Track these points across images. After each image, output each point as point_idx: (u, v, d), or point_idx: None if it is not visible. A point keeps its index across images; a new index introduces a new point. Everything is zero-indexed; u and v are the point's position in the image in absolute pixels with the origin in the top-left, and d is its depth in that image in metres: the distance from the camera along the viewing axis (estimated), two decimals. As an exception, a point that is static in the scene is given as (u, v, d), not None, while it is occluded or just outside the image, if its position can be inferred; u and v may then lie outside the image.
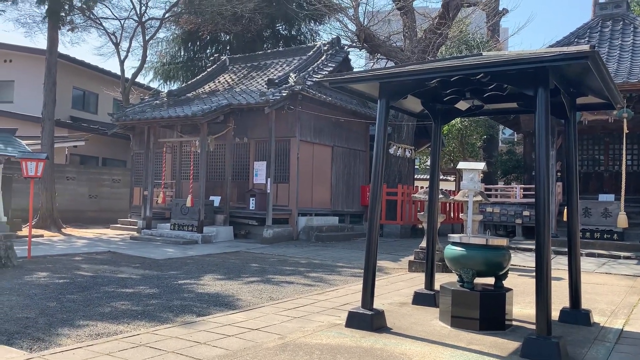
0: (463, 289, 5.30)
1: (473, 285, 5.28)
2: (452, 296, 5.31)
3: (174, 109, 16.38)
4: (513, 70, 4.80)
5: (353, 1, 17.12)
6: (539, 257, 4.47)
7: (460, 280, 5.38)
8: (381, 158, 5.84)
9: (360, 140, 19.09)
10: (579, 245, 6.08)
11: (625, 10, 17.37)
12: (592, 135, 16.98)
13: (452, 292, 5.32)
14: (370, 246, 5.40)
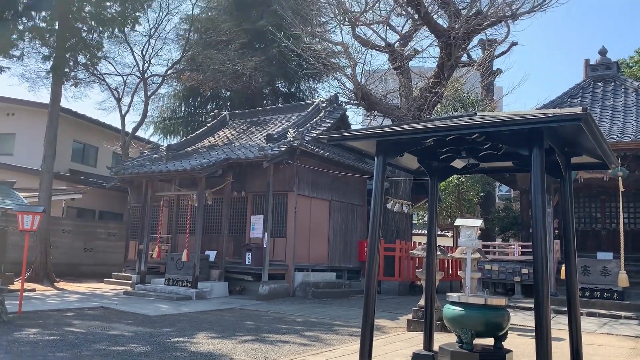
0: (462, 350, 5.18)
1: (472, 346, 5.17)
2: (451, 357, 5.18)
3: (172, 163, 16.50)
4: (508, 130, 4.88)
5: (351, 61, 17.59)
6: (539, 317, 4.40)
7: (459, 340, 5.27)
8: (378, 214, 5.85)
9: (358, 195, 19.14)
10: (578, 305, 5.99)
11: (616, 72, 17.89)
12: (588, 193, 17.07)
13: (451, 354, 5.20)
14: (368, 304, 5.32)
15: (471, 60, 19.76)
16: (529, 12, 15.89)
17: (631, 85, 17.11)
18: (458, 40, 16.25)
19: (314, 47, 18.92)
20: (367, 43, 18.06)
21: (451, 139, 5.46)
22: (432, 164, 6.93)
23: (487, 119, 5.10)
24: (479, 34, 17.58)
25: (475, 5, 16.12)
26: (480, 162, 6.48)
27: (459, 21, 16.09)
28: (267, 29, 21.76)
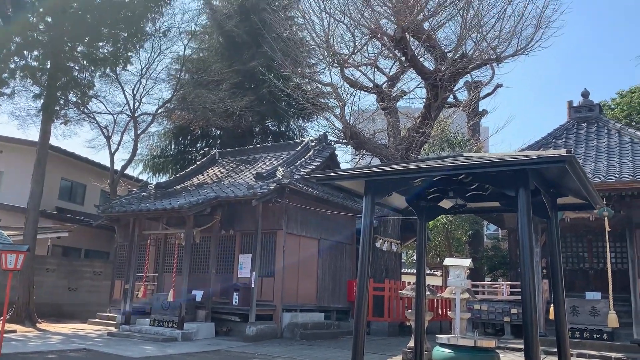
0: (453, 393, 5.11)
1: (463, 390, 5.11)
2: (442, 401, 5.12)
3: (161, 202, 16.43)
4: (494, 172, 4.97)
5: (339, 101, 17.87)
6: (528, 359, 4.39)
7: (450, 383, 5.21)
8: (367, 253, 5.86)
9: (347, 234, 19.10)
10: (568, 346, 5.98)
11: (598, 114, 18.31)
12: (575, 232, 17.18)
13: (442, 397, 5.13)
14: (357, 346, 5.27)
15: (457, 101, 20.17)
16: (513, 56, 16.36)
17: (613, 126, 17.49)
18: (444, 82, 16.62)
19: (304, 88, 19.24)
20: (355, 84, 18.41)
21: (438, 180, 5.54)
22: (420, 204, 6.99)
23: (474, 160, 5.19)
24: (464, 76, 18.00)
25: (461, 49, 16.56)
26: (467, 202, 6.55)
27: (445, 64, 16.49)
28: (258, 69, 22.15)
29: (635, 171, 13.76)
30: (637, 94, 23.75)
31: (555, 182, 5.51)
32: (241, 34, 26.68)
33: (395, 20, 15.99)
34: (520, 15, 15.56)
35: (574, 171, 4.72)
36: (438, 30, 17.39)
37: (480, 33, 16.12)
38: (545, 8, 15.46)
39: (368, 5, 16.33)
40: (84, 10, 17.77)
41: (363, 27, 17.05)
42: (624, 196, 13.69)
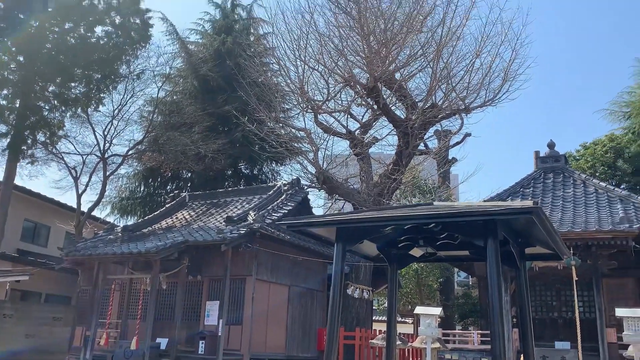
0: None
1: None
2: None
3: (127, 245, 16.01)
4: (463, 221, 5.00)
5: (313, 146, 17.99)
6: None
7: None
8: (338, 301, 5.76)
9: (318, 280, 18.86)
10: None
11: (564, 164, 18.84)
12: (544, 281, 17.32)
13: None
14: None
15: (428, 149, 20.52)
16: (481, 107, 16.85)
17: (579, 177, 17.99)
18: (415, 130, 16.95)
19: (278, 132, 19.35)
20: (329, 130, 18.61)
21: (409, 228, 5.55)
22: (392, 252, 6.97)
23: (444, 210, 5.22)
24: (434, 125, 18.40)
25: (431, 99, 16.99)
26: (437, 251, 6.55)
27: (416, 113, 16.86)
28: (232, 113, 22.22)
29: (601, 221, 14.09)
30: (600, 146, 24.61)
31: (523, 232, 5.57)
32: (216, 78, 26.89)
33: (368, 70, 16.38)
34: (488, 69, 16.13)
35: (540, 222, 4.78)
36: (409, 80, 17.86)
37: (449, 84, 16.61)
38: (511, 62, 16.08)
39: (342, 54, 16.72)
40: (57, 50, 17.74)
41: (337, 75, 17.40)
42: (590, 246, 13.95)
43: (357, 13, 15.93)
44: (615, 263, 14.70)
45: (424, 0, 16.16)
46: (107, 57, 18.65)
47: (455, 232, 5.29)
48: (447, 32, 15.83)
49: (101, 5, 19.00)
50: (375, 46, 16.15)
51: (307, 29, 16.52)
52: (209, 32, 30.36)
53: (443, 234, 5.41)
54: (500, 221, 4.87)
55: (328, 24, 17.02)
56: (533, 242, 5.89)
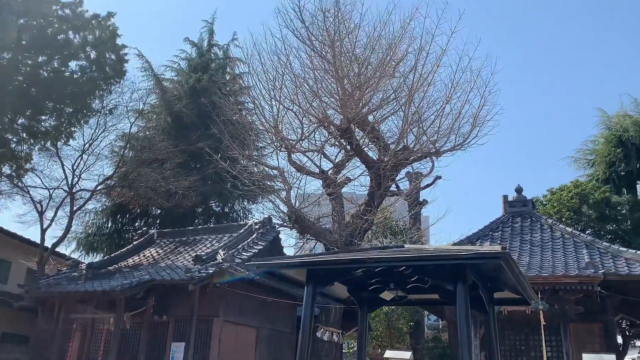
0: None
1: None
2: None
3: (91, 283, 15.56)
4: (433, 265, 5.03)
5: (286, 185, 17.97)
6: None
7: None
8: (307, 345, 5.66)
9: (287, 322, 18.53)
10: None
11: (531, 209, 19.22)
12: (512, 325, 17.34)
13: None
14: None
15: (399, 190, 20.71)
16: (451, 150, 17.17)
17: (546, 222, 18.35)
18: (387, 171, 17.13)
19: (251, 170, 19.31)
20: (302, 169, 18.66)
21: (380, 271, 5.54)
22: (362, 295, 6.92)
23: (414, 253, 5.24)
24: (406, 167, 18.63)
25: (403, 141, 17.25)
26: (408, 294, 6.55)
27: (388, 154, 17.08)
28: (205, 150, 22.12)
29: (567, 266, 14.32)
30: (566, 192, 25.25)
31: (492, 276, 5.62)
32: (190, 115, 26.91)
33: (342, 111, 16.62)
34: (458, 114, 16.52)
35: (509, 267, 4.84)
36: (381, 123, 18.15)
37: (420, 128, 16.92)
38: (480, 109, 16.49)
39: (316, 96, 16.95)
40: (29, 83, 17.55)
41: (311, 115, 17.58)
42: (557, 290, 14.12)
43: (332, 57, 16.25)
44: (581, 308, 14.87)
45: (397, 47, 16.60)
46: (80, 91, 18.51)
47: (426, 275, 5.30)
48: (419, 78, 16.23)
49: (77, 40, 18.99)
50: (349, 89, 16.45)
51: (283, 70, 16.73)
52: (185, 70, 30.55)
53: (413, 277, 5.42)
54: (469, 265, 4.91)
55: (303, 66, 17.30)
56: (502, 287, 5.94)
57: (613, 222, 24.40)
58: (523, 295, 6.00)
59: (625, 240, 22.27)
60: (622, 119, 29.29)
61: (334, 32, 16.13)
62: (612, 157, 28.31)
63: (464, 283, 4.88)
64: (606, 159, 28.60)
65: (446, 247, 5.73)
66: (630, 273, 14.27)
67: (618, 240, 22.04)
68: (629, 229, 24.42)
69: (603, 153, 29.06)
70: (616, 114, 30.07)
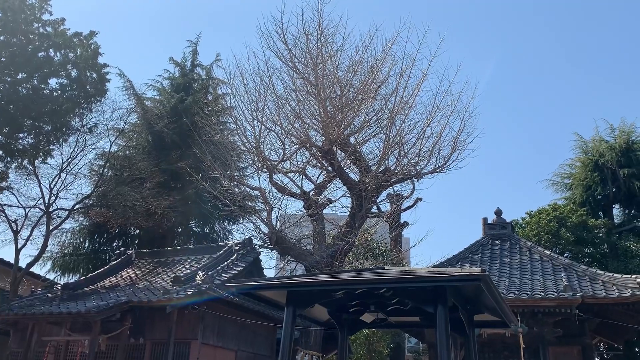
0: None
1: None
2: None
3: (66, 304, 15.19)
4: (413, 287, 5.02)
5: (267, 206, 17.89)
6: None
7: None
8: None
9: (267, 345, 18.28)
10: None
11: (510, 232, 19.41)
12: (492, 348, 17.35)
13: None
14: None
15: (380, 212, 20.77)
16: (431, 173, 17.33)
17: (525, 244, 18.52)
18: (368, 193, 17.19)
19: (232, 190, 19.20)
20: (283, 190, 18.62)
21: (360, 293, 5.51)
22: (342, 317, 6.87)
23: (394, 275, 5.23)
24: (387, 188, 18.73)
25: (384, 163, 17.38)
26: (388, 317, 6.51)
27: (369, 176, 17.16)
28: (186, 170, 21.99)
29: (546, 289, 14.43)
30: (544, 215, 25.57)
31: (472, 299, 5.63)
32: (171, 135, 26.76)
33: (324, 133, 16.71)
34: (438, 137, 16.73)
35: (488, 290, 4.85)
36: (363, 144, 18.28)
37: (401, 150, 17.08)
38: (460, 132, 16.74)
39: (299, 117, 17.03)
40: (7, 100, 17.33)
41: (293, 136, 17.63)
42: (536, 313, 14.20)
43: (315, 79, 16.40)
44: (560, 331, 14.96)
45: (379, 70, 16.83)
46: (60, 109, 18.33)
47: (406, 297, 5.29)
48: (400, 101, 16.45)
49: (57, 58, 18.87)
50: (331, 111, 16.58)
51: (265, 91, 16.83)
52: (167, 89, 30.48)
53: (394, 300, 5.40)
54: (449, 288, 4.91)
55: (286, 88, 17.42)
56: (481, 309, 5.95)
57: (590, 245, 24.71)
58: (502, 317, 6.01)
59: (602, 263, 22.55)
60: (598, 144, 29.91)
61: (316, 54, 16.31)
62: (588, 181, 28.81)
63: (444, 305, 4.87)
64: (583, 183, 29.09)
65: (426, 269, 5.73)
66: (608, 296, 14.43)
67: (595, 263, 22.31)
68: (606, 252, 24.76)
69: (580, 177, 29.57)
70: (592, 138, 30.73)
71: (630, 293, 14.22)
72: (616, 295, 14.35)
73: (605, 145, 29.28)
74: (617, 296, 14.30)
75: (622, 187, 27.44)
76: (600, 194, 28.82)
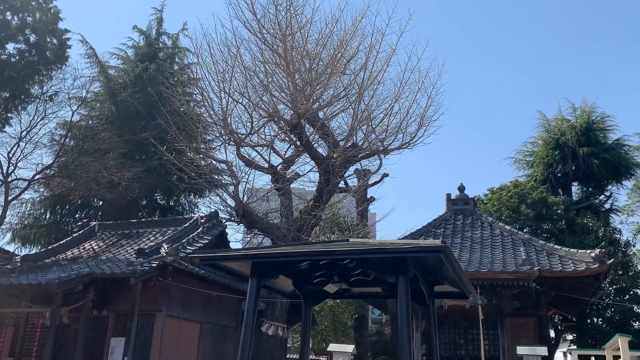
0: None
1: None
2: None
3: (26, 276, 14.87)
4: (376, 258, 5.11)
5: (234, 179, 17.78)
6: None
7: None
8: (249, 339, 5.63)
9: (232, 316, 18.37)
10: None
11: (473, 207, 19.85)
12: (452, 319, 17.89)
13: None
14: None
15: (347, 187, 20.91)
16: (398, 149, 17.49)
17: (486, 220, 18.99)
18: (336, 168, 17.25)
19: (198, 163, 18.98)
20: (250, 163, 18.50)
21: (324, 264, 5.58)
22: (306, 288, 6.95)
23: (358, 246, 5.31)
24: (354, 164, 18.83)
25: (352, 139, 17.44)
26: (352, 287, 6.63)
27: (337, 151, 17.21)
28: (150, 141, 21.57)
29: (505, 263, 14.87)
30: (506, 191, 26.21)
31: (433, 270, 5.77)
32: (135, 105, 26.14)
33: (292, 106, 16.61)
34: (406, 113, 16.85)
35: (448, 261, 4.98)
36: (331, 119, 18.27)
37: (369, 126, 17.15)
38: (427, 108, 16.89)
39: (267, 90, 16.85)
40: (-39, 65, 16.60)
41: (261, 110, 17.46)
42: (495, 286, 14.65)
43: (284, 51, 16.21)
44: (518, 303, 15.50)
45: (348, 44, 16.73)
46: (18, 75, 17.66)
47: (369, 268, 5.38)
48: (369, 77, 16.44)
49: (15, 22, 18.10)
50: (300, 84, 16.46)
51: (233, 62, 16.56)
52: (131, 58, 29.67)
53: (357, 270, 5.49)
54: (411, 259, 5.02)
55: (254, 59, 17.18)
56: (442, 281, 6.11)
57: (549, 221, 25.49)
58: (462, 289, 6.19)
59: (560, 239, 23.34)
60: (560, 123, 30.65)
61: (285, 26, 16.09)
62: (549, 159, 29.57)
63: (405, 276, 4.99)
64: (544, 161, 29.86)
65: (389, 241, 5.83)
66: (564, 269, 15.00)
67: (553, 238, 23.05)
68: (564, 228, 25.61)
69: (541, 155, 30.32)
70: (555, 117, 31.46)
71: (585, 267, 14.82)
72: (571, 269, 14.92)
73: (567, 124, 30.04)
74: (572, 270, 14.88)
75: (582, 165, 28.30)
76: (560, 171, 29.67)
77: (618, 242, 25.08)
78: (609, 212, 29.52)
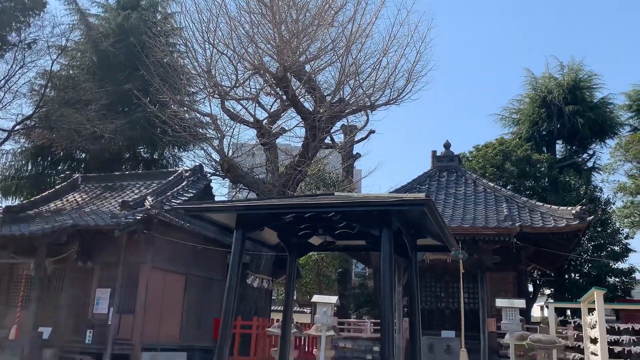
0: None
1: None
2: None
3: (9, 227, 14.80)
4: (360, 211, 5.13)
5: (218, 133, 17.60)
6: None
7: None
8: (234, 290, 5.69)
9: (218, 269, 18.54)
10: (423, 384, 6.21)
11: (458, 164, 19.97)
12: (433, 273, 18.28)
13: None
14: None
15: (334, 143, 20.85)
16: (386, 104, 17.38)
17: (470, 177, 19.17)
18: (322, 123, 17.13)
19: (182, 116, 18.70)
20: (236, 117, 18.28)
21: (309, 216, 5.58)
22: (291, 240, 6.99)
23: (343, 199, 5.31)
24: (341, 119, 18.72)
25: (339, 93, 17.26)
26: (336, 240, 6.67)
27: (324, 106, 17.05)
28: (133, 92, 21.14)
29: (487, 218, 15.09)
30: (491, 148, 26.36)
31: (416, 223, 5.81)
32: (117, 55, 25.43)
33: (278, 59, 16.31)
34: (394, 68, 16.67)
35: (431, 214, 5.01)
36: (318, 73, 18.02)
37: (357, 80, 16.96)
38: (415, 64, 16.73)
39: (252, 41, 16.49)
40: None
41: (246, 62, 17.13)
42: (476, 241, 14.91)
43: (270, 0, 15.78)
44: (498, 258, 15.85)
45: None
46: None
47: (353, 221, 5.40)
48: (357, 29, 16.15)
49: (-11, -35, 17.31)
50: (287, 36, 16.11)
51: (218, 11, 16.12)
52: (113, 6, 28.70)
53: (342, 223, 5.50)
54: (394, 212, 5.04)
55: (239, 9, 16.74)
56: (425, 234, 6.17)
57: (532, 178, 25.80)
58: (444, 242, 6.26)
59: (543, 196, 23.69)
60: (547, 81, 30.61)
61: (272, -27, 15.62)
62: (535, 117, 29.68)
63: (388, 228, 5.02)
64: (530, 118, 29.96)
65: (373, 195, 5.85)
66: (544, 226, 15.29)
67: (536, 195, 23.39)
68: (547, 185, 25.96)
69: (528, 112, 30.40)
70: (542, 75, 31.39)
71: (565, 223, 15.12)
72: (552, 225, 15.22)
73: (554, 82, 30.01)
74: (552, 226, 15.18)
75: (567, 123, 28.45)
76: (545, 129, 29.84)
77: (598, 199, 25.55)
78: (591, 170, 29.95)
